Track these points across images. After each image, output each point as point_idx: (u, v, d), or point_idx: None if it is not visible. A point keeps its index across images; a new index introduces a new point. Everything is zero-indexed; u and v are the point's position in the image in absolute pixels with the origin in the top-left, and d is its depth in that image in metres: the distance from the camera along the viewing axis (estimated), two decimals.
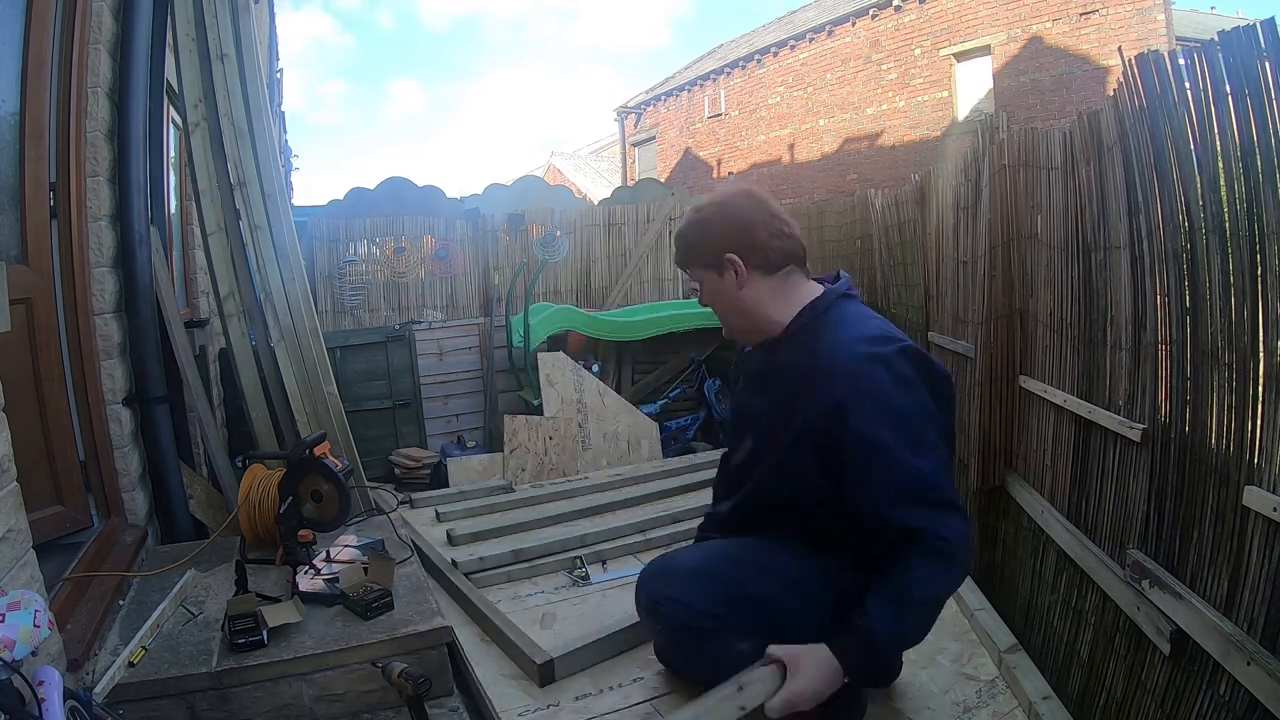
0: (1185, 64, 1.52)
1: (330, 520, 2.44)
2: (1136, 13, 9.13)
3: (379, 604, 2.00)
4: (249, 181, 3.00)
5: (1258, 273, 1.33)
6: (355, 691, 1.88)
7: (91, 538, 2.16)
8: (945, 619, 2.34)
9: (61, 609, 1.72)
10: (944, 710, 1.92)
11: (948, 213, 3.12)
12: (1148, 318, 1.73)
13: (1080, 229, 2.06)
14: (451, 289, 6.58)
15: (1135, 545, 1.73)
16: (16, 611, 1.25)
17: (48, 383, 2.07)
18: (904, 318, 3.92)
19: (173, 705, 1.73)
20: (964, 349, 2.84)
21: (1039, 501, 2.28)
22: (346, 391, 3.85)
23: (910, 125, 11.72)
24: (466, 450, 4.44)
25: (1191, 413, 1.56)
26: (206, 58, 2.95)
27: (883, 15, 12.09)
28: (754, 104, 14.70)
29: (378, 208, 6.63)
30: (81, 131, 2.32)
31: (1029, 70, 10.18)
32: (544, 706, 1.96)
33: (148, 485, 2.57)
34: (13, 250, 2.02)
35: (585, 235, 6.81)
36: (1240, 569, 1.37)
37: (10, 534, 1.40)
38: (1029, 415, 2.44)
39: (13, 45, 2.01)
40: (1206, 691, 1.43)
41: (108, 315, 2.42)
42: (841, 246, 5.12)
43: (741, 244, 1.61)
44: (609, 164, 20.52)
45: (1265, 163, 1.30)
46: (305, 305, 3.09)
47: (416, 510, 3.46)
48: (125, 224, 2.52)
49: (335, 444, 2.93)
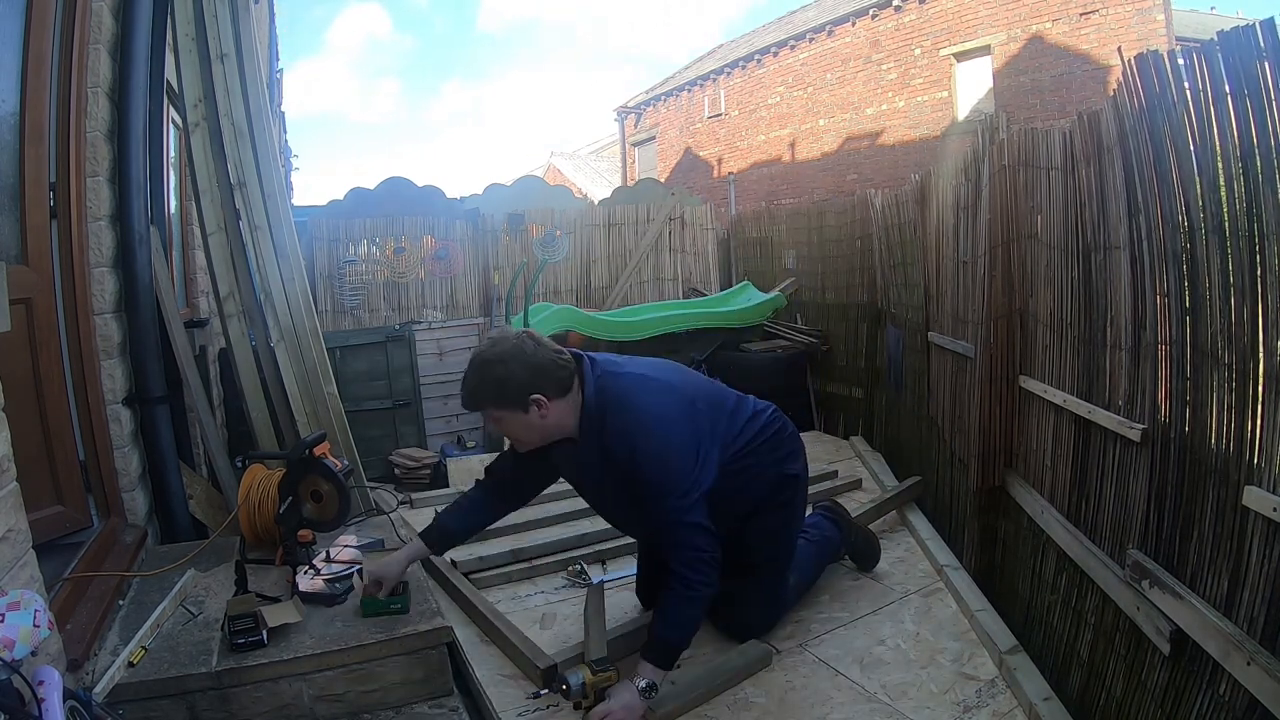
0: (1185, 64, 1.52)
1: (330, 520, 2.44)
2: (1136, 13, 9.12)
3: (403, 595, 2.03)
4: (249, 181, 3.00)
5: (1258, 273, 1.33)
6: (355, 691, 1.88)
7: (91, 538, 2.16)
8: (945, 619, 2.35)
9: (61, 609, 1.72)
10: (944, 710, 1.92)
11: (948, 213, 3.12)
12: (1147, 318, 1.73)
13: (1080, 229, 2.06)
14: (451, 289, 6.57)
15: (1135, 545, 1.73)
16: (16, 611, 1.25)
17: (48, 383, 2.07)
18: (904, 318, 3.92)
19: (173, 705, 1.73)
20: (964, 349, 2.84)
21: (1039, 501, 2.28)
22: (346, 391, 3.85)
23: (910, 125, 11.72)
24: (466, 450, 4.44)
25: (1191, 413, 1.56)
26: (206, 58, 2.95)
27: (883, 15, 12.09)
28: (754, 104, 14.70)
29: (378, 208, 6.62)
30: (81, 131, 2.32)
31: (1029, 70, 10.18)
32: (544, 706, 1.96)
33: (148, 485, 2.57)
34: (13, 250, 2.03)
35: (585, 235, 6.81)
36: (1240, 569, 1.37)
37: (10, 534, 1.40)
38: (1029, 415, 2.44)
39: (13, 45, 2.01)
40: (1206, 691, 1.43)
41: (108, 315, 2.42)
42: (841, 246, 5.11)
43: (543, 384, 1.88)
44: (609, 164, 20.52)
45: (1265, 163, 1.30)
46: (305, 305, 3.10)
47: (416, 510, 3.46)
48: (125, 224, 2.52)
49: (335, 444, 2.93)
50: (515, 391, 1.87)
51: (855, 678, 2.07)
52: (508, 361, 1.86)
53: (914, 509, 3.22)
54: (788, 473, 2.22)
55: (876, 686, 2.02)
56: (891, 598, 2.51)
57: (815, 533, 2.52)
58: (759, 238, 6.51)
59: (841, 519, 2.66)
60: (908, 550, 2.89)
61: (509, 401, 1.89)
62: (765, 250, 6.39)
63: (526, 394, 1.87)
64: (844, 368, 4.99)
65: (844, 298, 5.04)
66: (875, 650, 2.20)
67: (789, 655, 2.19)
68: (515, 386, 1.87)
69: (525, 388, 1.86)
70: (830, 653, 2.19)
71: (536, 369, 1.86)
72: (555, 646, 2.17)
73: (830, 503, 2.79)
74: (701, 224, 6.97)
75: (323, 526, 2.42)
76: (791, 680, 2.08)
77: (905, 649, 2.20)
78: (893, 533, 3.07)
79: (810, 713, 1.94)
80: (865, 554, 2.70)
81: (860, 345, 4.82)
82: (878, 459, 4.06)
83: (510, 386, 1.87)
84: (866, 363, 4.74)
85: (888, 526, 3.12)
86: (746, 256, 6.73)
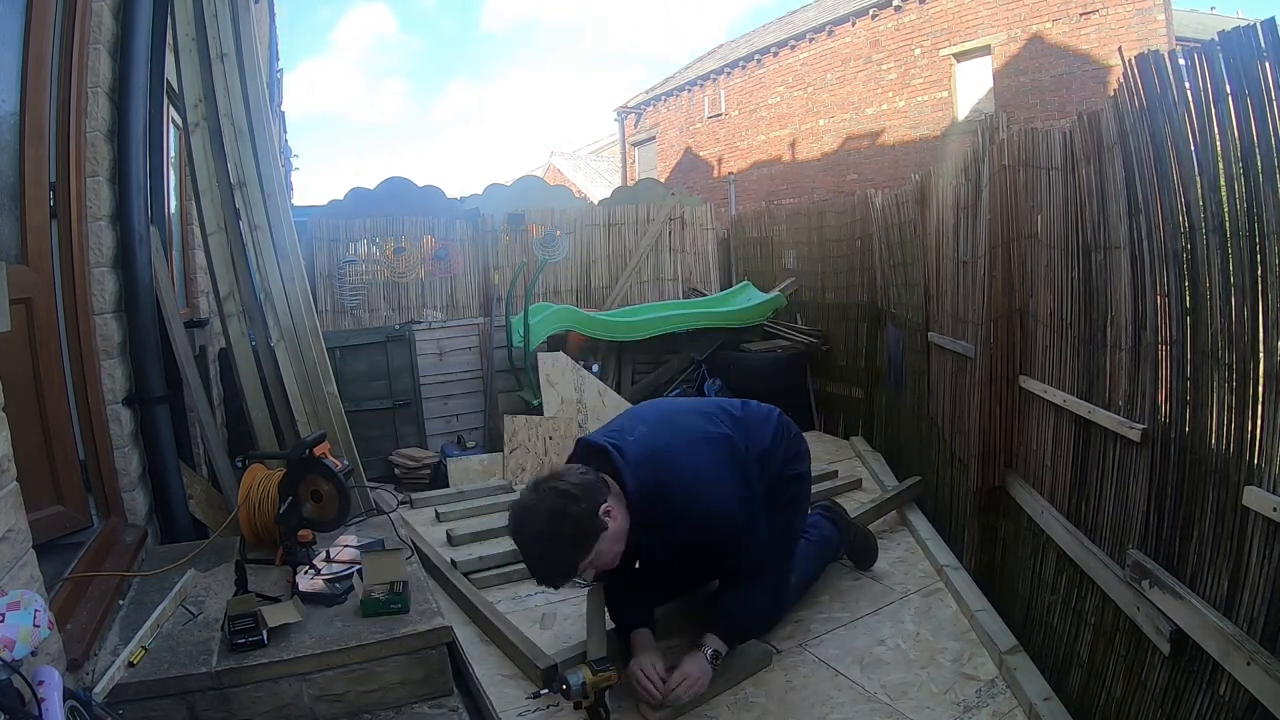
0: (1185, 64, 1.52)
1: (330, 520, 2.44)
2: (1136, 13, 9.12)
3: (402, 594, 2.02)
4: (249, 181, 3.00)
5: (1258, 273, 1.33)
6: (355, 691, 1.88)
7: (91, 538, 2.16)
8: (945, 619, 2.35)
9: (61, 609, 1.72)
10: (944, 710, 1.92)
11: (948, 213, 3.12)
12: (1148, 318, 1.73)
13: (1080, 229, 2.06)
14: (451, 289, 6.57)
15: (1135, 545, 1.73)
16: (16, 611, 1.25)
17: (48, 383, 2.07)
18: (904, 318, 3.92)
19: (173, 705, 1.73)
20: (964, 349, 2.84)
21: (1039, 501, 2.28)
22: (346, 391, 3.85)
23: (910, 125, 11.72)
24: (466, 450, 4.44)
25: (1191, 413, 1.56)
26: (206, 57, 2.95)
27: (883, 15, 12.08)
28: (754, 104, 14.69)
29: (378, 208, 6.61)
30: (81, 131, 2.32)
31: (1029, 70, 10.17)
32: (544, 706, 1.96)
33: (148, 485, 2.57)
34: (13, 250, 2.02)
35: (585, 235, 6.81)
36: (1240, 569, 1.37)
37: (10, 534, 1.40)
38: (1029, 415, 2.44)
39: (13, 45, 2.00)
40: (1206, 692, 1.43)
41: (108, 315, 2.42)
42: (841, 246, 5.11)
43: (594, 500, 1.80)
44: (609, 164, 20.51)
45: (1265, 162, 1.30)
46: (305, 305, 3.09)
47: (416, 510, 3.46)
48: (125, 224, 2.52)
49: (335, 444, 2.93)
50: (589, 527, 1.79)
51: (855, 678, 2.07)
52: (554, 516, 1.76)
53: (914, 509, 3.22)
54: (792, 473, 2.22)
55: (876, 686, 2.02)
56: (891, 598, 2.51)
57: (814, 532, 2.52)
58: (759, 238, 6.51)
59: (840, 518, 2.67)
60: (908, 550, 2.89)
61: (590, 539, 1.80)
62: (765, 250, 6.39)
63: (595, 518, 1.79)
64: (844, 368, 4.99)
65: (844, 298, 5.04)
66: (875, 650, 2.20)
67: (789, 655, 2.19)
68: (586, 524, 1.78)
69: (591, 516, 1.78)
70: (830, 653, 2.20)
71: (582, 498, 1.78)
72: (555, 646, 2.17)
73: (829, 502, 2.80)
74: (701, 224, 6.97)
75: (323, 526, 2.42)
76: (791, 680, 2.08)
77: (905, 649, 2.20)
78: (893, 533, 3.07)
79: (810, 713, 1.94)
80: (863, 553, 2.70)
81: (860, 345, 4.82)
82: (878, 459, 4.06)
83: (582, 527, 1.78)
84: (866, 363, 4.74)
85: (888, 526, 3.12)
86: (746, 256, 6.73)
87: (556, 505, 1.77)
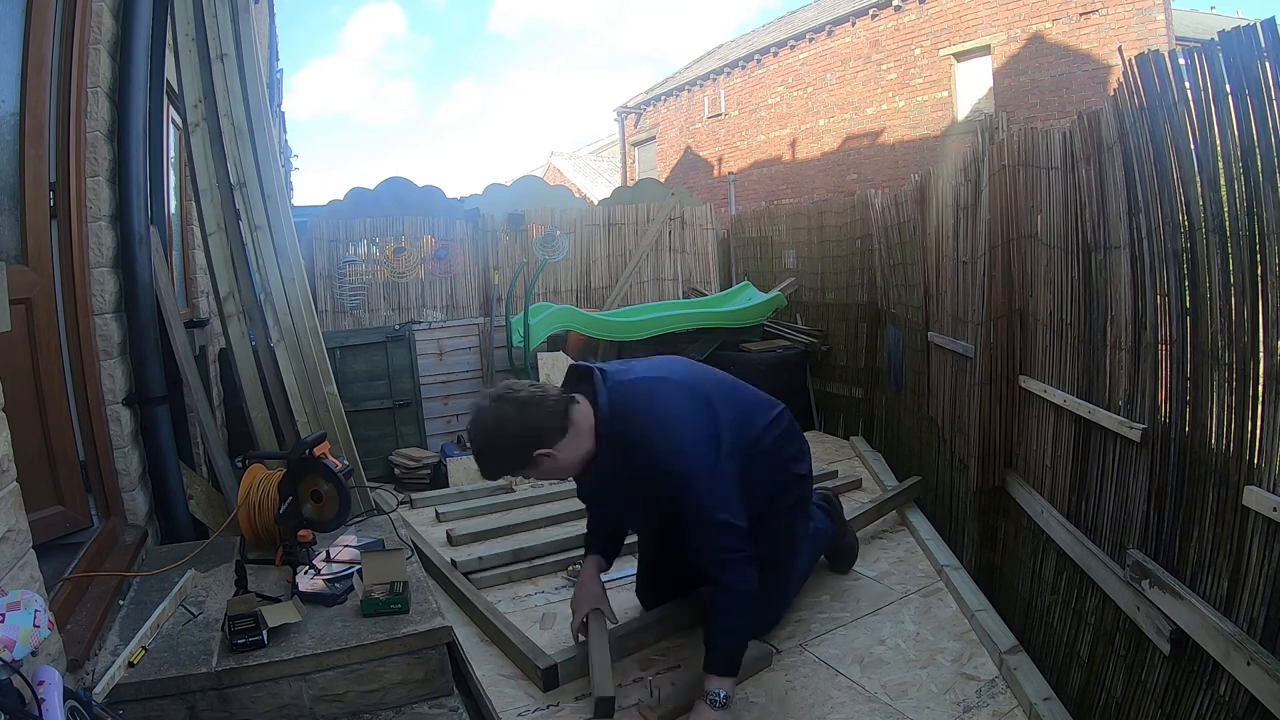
0: (1185, 64, 1.52)
1: (330, 520, 2.44)
2: (1136, 13, 9.12)
3: (402, 594, 2.03)
4: (249, 181, 3.00)
5: (1258, 273, 1.33)
6: (355, 691, 1.88)
7: (91, 538, 2.16)
8: (945, 619, 2.35)
9: (61, 609, 1.72)
10: (944, 710, 1.92)
11: (948, 213, 3.12)
12: (1147, 317, 1.73)
13: (1080, 229, 2.06)
14: (451, 289, 6.57)
15: (1135, 545, 1.73)
16: (16, 611, 1.25)
17: (48, 383, 2.07)
18: (904, 318, 3.92)
19: (173, 705, 1.73)
20: (964, 349, 2.84)
21: (1039, 501, 2.28)
22: (346, 391, 3.85)
23: (910, 125, 11.71)
24: (466, 450, 4.44)
25: (1191, 413, 1.56)
26: (206, 58, 2.95)
27: (883, 15, 12.08)
28: (754, 104, 14.69)
29: (378, 208, 6.61)
30: (81, 131, 2.32)
31: (1029, 70, 10.17)
32: (544, 706, 1.96)
33: (148, 485, 2.57)
34: (13, 250, 2.03)
35: (585, 235, 6.80)
36: (1240, 569, 1.37)
37: (10, 534, 1.40)
38: (1029, 415, 2.44)
39: (13, 45, 2.01)
40: (1206, 691, 1.43)
41: (108, 315, 2.42)
42: (841, 246, 5.12)
43: (537, 440, 1.86)
44: (609, 164, 20.51)
45: (1265, 162, 1.30)
46: (305, 305, 3.09)
47: (416, 510, 3.46)
48: (125, 224, 2.52)
49: (335, 444, 2.93)
50: (518, 460, 1.89)
51: (855, 678, 2.07)
52: (494, 438, 1.87)
53: (914, 509, 3.22)
54: (795, 473, 2.21)
55: (876, 686, 2.02)
56: (891, 598, 2.51)
57: (810, 524, 2.51)
58: (759, 238, 6.51)
59: (835, 509, 2.65)
60: (908, 550, 2.89)
61: (518, 466, 1.93)
62: (765, 250, 6.39)
63: (528, 456, 1.87)
64: (844, 368, 4.99)
65: (844, 298, 5.04)
66: (875, 650, 2.20)
67: (789, 655, 2.19)
68: (515, 458, 1.89)
69: (523, 453, 1.87)
70: (830, 653, 2.19)
71: (523, 434, 1.85)
72: (555, 646, 2.17)
73: (826, 492, 2.78)
74: (701, 224, 6.97)
75: (323, 526, 2.42)
76: (791, 680, 2.08)
77: (905, 649, 2.20)
78: (893, 533, 3.07)
79: (810, 713, 1.94)
80: (842, 553, 2.68)
81: (860, 345, 4.83)
82: (878, 459, 4.06)
83: (512, 458, 1.89)
84: (866, 363, 4.74)
85: (888, 526, 3.12)
86: (746, 256, 6.73)
87: (493, 432, 1.87)
